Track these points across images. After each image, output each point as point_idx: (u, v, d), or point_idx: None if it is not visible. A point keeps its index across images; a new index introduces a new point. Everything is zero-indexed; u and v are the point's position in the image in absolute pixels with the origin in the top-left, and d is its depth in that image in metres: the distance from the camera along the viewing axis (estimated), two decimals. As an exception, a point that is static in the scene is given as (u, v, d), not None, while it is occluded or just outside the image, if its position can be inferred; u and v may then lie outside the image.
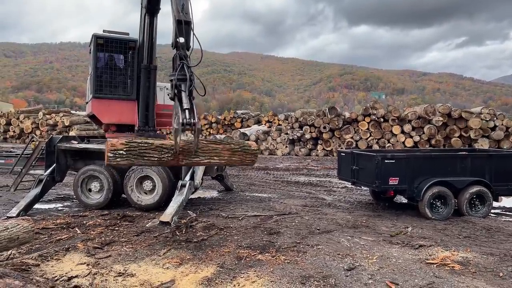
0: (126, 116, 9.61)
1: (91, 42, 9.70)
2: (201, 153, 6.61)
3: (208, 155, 6.60)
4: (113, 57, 9.75)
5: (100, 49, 9.41)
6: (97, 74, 9.39)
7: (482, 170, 8.16)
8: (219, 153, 6.71)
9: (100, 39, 9.38)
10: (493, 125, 21.28)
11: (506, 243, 6.28)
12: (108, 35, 9.58)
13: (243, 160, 6.86)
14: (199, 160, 6.63)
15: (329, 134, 23.56)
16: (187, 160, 6.60)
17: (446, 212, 7.90)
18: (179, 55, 6.73)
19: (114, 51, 9.65)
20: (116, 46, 9.61)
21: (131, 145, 6.50)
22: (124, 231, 6.88)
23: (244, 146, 6.87)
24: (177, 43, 6.67)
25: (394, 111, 22.71)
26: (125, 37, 9.79)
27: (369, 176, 8.24)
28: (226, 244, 6.05)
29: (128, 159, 6.54)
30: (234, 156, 6.79)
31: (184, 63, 6.69)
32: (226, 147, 6.76)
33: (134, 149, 6.55)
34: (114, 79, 9.70)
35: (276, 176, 14.83)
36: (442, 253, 5.68)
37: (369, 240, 6.36)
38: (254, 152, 6.94)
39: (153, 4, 9.38)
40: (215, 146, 6.70)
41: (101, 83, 9.43)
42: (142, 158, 6.54)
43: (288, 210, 8.55)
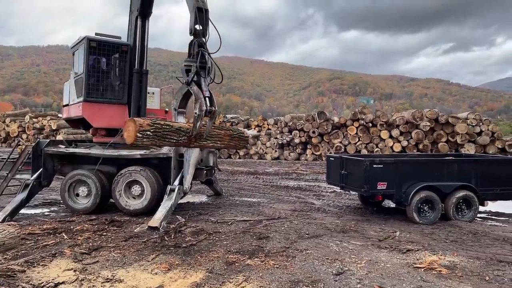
0: (116, 120, 9.54)
1: (78, 44, 9.59)
2: (209, 137, 7.24)
3: (214, 139, 7.23)
4: (105, 60, 9.69)
5: (93, 52, 9.32)
6: (89, 77, 9.28)
7: (468, 175, 8.27)
8: (222, 138, 7.42)
9: (93, 41, 9.28)
10: (479, 130, 21.60)
11: (492, 247, 6.36)
12: (101, 38, 9.50)
13: (237, 145, 7.70)
14: (206, 143, 7.38)
15: (318, 139, 23.68)
16: (197, 143, 7.21)
17: (434, 217, 7.98)
18: (198, 42, 6.96)
19: (106, 54, 9.59)
20: (108, 50, 9.54)
21: (157, 126, 6.99)
22: (112, 236, 6.82)
23: (240, 132, 7.67)
24: (196, 30, 6.89)
25: (382, 116, 22.93)
26: (118, 41, 9.73)
27: (357, 181, 8.30)
28: (215, 249, 6.03)
29: (152, 140, 7.11)
30: (232, 141, 7.51)
31: (203, 51, 6.93)
32: (227, 132, 7.42)
33: (159, 131, 7.15)
34: (105, 83, 9.64)
35: (266, 180, 14.84)
36: (429, 257, 5.74)
37: (357, 244, 6.39)
38: (246, 139, 7.83)
39: (146, 7, 9.43)
40: (219, 131, 7.49)
41: (92, 86, 9.31)
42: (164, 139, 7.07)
43: (277, 215, 8.56)
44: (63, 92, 10.63)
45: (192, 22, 6.95)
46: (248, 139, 7.88)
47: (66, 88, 10.37)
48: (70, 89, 9.98)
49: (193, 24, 6.89)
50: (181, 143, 7.00)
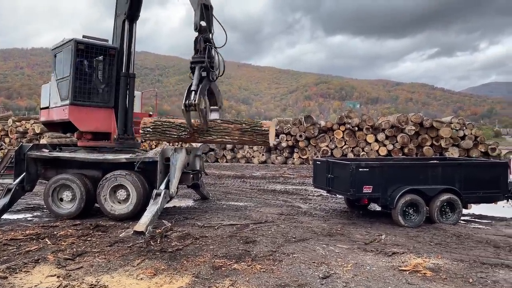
0: (103, 124, 9.45)
1: (62, 46, 9.44)
2: (213, 132, 7.33)
3: (220, 134, 7.18)
4: (93, 63, 9.59)
5: (80, 54, 9.21)
6: (76, 80, 9.15)
7: (452, 178, 8.39)
8: (230, 132, 7.38)
9: (81, 44, 9.16)
10: (463, 134, 21.96)
11: (475, 250, 6.46)
12: (89, 41, 9.40)
13: (254, 141, 7.37)
14: (212, 138, 7.48)
15: (305, 143, 23.78)
16: (201, 138, 7.42)
17: (418, 220, 8.07)
18: (203, 38, 7.19)
19: (94, 57, 9.49)
20: (96, 53, 9.45)
21: (157, 123, 7.55)
22: (97, 241, 6.73)
23: (254, 126, 7.25)
24: (201, 27, 7.10)
25: (368, 120, 23.15)
26: (106, 44, 9.64)
27: (343, 184, 8.35)
28: (201, 254, 5.99)
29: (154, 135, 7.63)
30: (245, 136, 7.41)
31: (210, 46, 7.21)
32: (237, 126, 7.43)
33: (159, 127, 7.61)
34: (92, 86, 9.54)
35: (253, 184, 14.83)
36: (414, 260, 5.80)
37: (344, 248, 6.42)
38: (264, 133, 7.22)
39: (134, 11, 9.43)
40: (226, 125, 7.41)
41: (79, 89, 9.19)
42: (165, 135, 7.39)
43: (264, 219, 8.56)
44: (41, 94, 10.38)
45: (198, 18, 7.13)
46: (267, 132, 7.35)
47: (45, 91, 10.11)
48: (51, 92, 9.77)
49: (198, 20, 7.08)
50: (184, 138, 7.28)
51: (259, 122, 7.54)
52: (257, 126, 7.26)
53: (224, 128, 7.27)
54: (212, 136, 7.32)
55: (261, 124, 7.36)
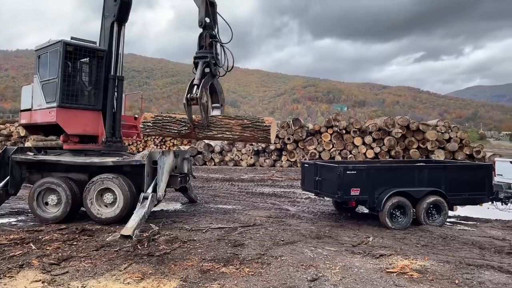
0: (91, 126, 9.35)
1: (48, 47, 9.28)
2: (214, 128, 7.36)
3: (221, 130, 7.21)
4: (81, 66, 9.48)
5: (69, 56, 9.09)
6: (64, 82, 9.03)
7: (438, 180, 8.49)
8: (231, 128, 7.47)
9: (70, 46, 9.04)
10: (448, 137, 22.26)
11: (461, 251, 6.54)
12: (78, 43, 9.28)
13: (256, 137, 7.34)
14: (213, 134, 7.54)
15: (293, 145, 23.85)
16: (202, 133, 7.41)
17: (405, 222, 8.14)
18: (209, 35, 7.37)
19: (82, 60, 9.38)
20: (85, 55, 9.35)
21: (157, 118, 7.62)
22: (83, 245, 6.64)
23: (255, 121, 7.25)
24: (206, 23, 7.27)
25: (355, 123, 23.32)
26: (94, 46, 9.55)
27: (331, 187, 8.38)
28: (189, 258, 5.96)
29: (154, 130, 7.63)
30: (246, 132, 7.43)
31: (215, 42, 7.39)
32: (238, 122, 7.39)
33: (159, 122, 7.57)
34: (81, 88, 9.43)
35: (241, 187, 14.81)
36: (401, 261, 5.84)
37: (332, 250, 6.45)
38: (266, 129, 7.19)
39: (123, 14, 9.39)
40: (227, 121, 7.47)
41: (67, 91, 9.07)
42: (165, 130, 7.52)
43: (252, 222, 8.54)
44: (22, 96, 10.17)
45: (203, 14, 7.27)
46: (269, 129, 7.30)
47: (27, 92, 9.87)
48: (34, 94, 9.57)
49: (203, 16, 7.24)
50: (184, 133, 7.36)
51: (260, 118, 7.51)
52: (259, 122, 7.24)
53: (225, 123, 7.32)
54: (212, 132, 7.37)
55: (263, 120, 7.33)
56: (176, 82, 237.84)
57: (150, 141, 31.37)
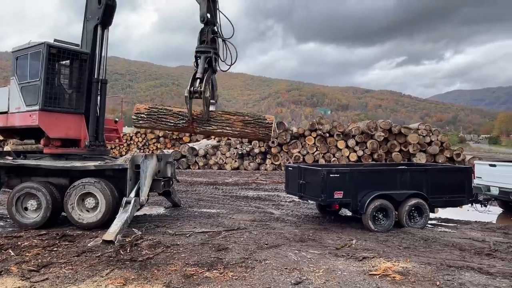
0: (73, 130, 9.21)
1: (29, 48, 9.10)
2: (214, 122, 7.28)
3: (221, 125, 7.18)
4: (64, 68, 9.32)
5: (52, 59, 8.93)
6: (47, 85, 8.85)
7: (419, 183, 8.62)
8: (232, 124, 7.46)
9: (53, 48, 8.89)
10: (429, 140, 22.63)
11: (442, 253, 6.64)
12: (61, 45, 9.13)
13: (256, 134, 7.37)
14: (212, 129, 7.58)
15: (278, 149, 23.91)
16: (200, 128, 7.33)
17: (388, 224, 8.23)
18: (211, 30, 7.46)
19: (66, 62, 9.23)
20: (68, 57, 9.20)
21: (152, 110, 7.44)
22: (64, 251, 6.51)
23: (257, 118, 7.30)
24: (207, 18, 7.37)
25: (339, 126, 23.53)
26: (78, 49, 9.42)
27: (315, 190, 8.43)
28: (172, 262, 5.90)
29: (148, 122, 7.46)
30: (247, 128, 7.30)
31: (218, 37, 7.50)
32: (239, 118, 7.29)
33: (154, 114, 7.38)
34: (64, 91, 9.28)
35: (225, 191, 14.76)
36: (384, 264, 5.90)
37: (315, 253, 6.47)
38: (268, 126, 7.27)
39: (107, 17, 9.34)
40: (228, 116, 7.44)
41: (50, 94, 8.90)
42: (161, 122, 7.34)
43: (236, 226, 8.52)
44: None
45: (204, 10, 7.37)
46: (271, 126, 7.39)
47: (2, 95, 9.61)
48: (10, 96, 9.31)
49: (205, 12, 7.33)
50: (181, 127, 7.29)
51: (262, 115, 7.61)
52: (261, 119, 7.29)
53: (226, 119, 7.31)
54: (212, 127, 7.30)
55: (265, 117, 7.39)
56: (160, 85, 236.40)
57: (133, 144, 31.07)
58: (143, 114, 7.54)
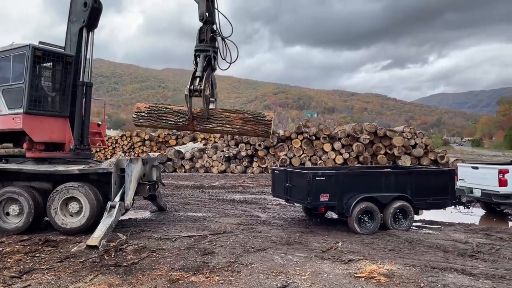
0: (57, 134, 9.07)
1: (12, 50, 8.91)
2: (214, 120, 7.52)
3: (221, 123, 7.35)
4: (49, 71, 9.17)
5: (37, 61, 8.78)
6: (32, 88, 8.67)
7: (404, 186, 8.71)
8: (232, 122, 7.42)
9: (39, 50, 8.74)
10: (414, 143, 22.90)
11: (426, 255, 6.71)
12: (47, 48, 8.99)
13: (256, 131, 7.52)
14: (212, 126, 7.46)
15: (264, 152, 23.93)
16: (200, 126, 7.41)
17: (373, 227, 8.30)
18: (210, 29, 7.56)
19: (51, 65, 9.09)
20: (53, 60, 9.06)
21: (153, 108, 7.49)
22: (46, 257, 6.41)
23: (257, 116, 7.44)
24: (206, 18, 7.48)
25: (325, 129, 23.67)
26: (63, 52, 9.29)
27: (301, 193, 8.45)
28: (158, 267, 5.85)
29: (149, 121, 7.51)
30: (247, 126, 7.43)
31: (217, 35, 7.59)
32: (238, 115, 7.42)
33: (155, 112, 7.44)
34: (48, 94, 9.13)
35: (212, 194, 14.71)
36: (369, 266, 5.94)
37: (301, 256, 6.48)
38: (267, 123, 7.43)
39: (93, 19, 9.26)
40: (228, 114, 7.71)
41: (35, 97, 8.75)
42: (161, 121, 7.41)
43: (223, 229, 8.49)
44: None
45: (203, 9, 7.46)
46: (270, 123, 7.52)
47: None
48: None
49: (204, 11, 7.43)
50: (182, 125, 7.40)
51: (261, 112, 7.73)
52: (260, 116, 7.41)
53: (226, 117, 7.48)
54: (212, 125, 7.44)
55: (264, 114, 7.51)
56: (146, 88, 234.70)
57: (118, 148, 30.77)
58: (144, 113, 7.64)
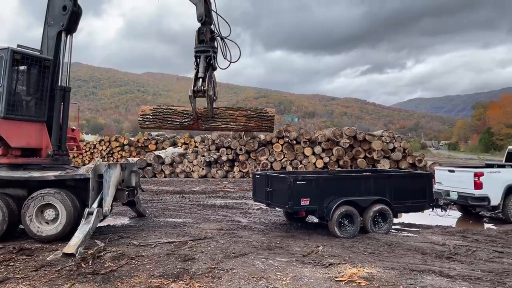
0: (34, 139, 8.85)
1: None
2: (218, 119, 7.61)
3: (225, 121, 7.70)
4: (27, 75, 8.95)
5: (15, 65, 8.55)
6: (10, 92, 8.42)
7: (383, 189, 8.82)
8: (236, 119, 7.67)
9: (18, 54, 8.50)
10: (393, 147, 23.26)
11: (405, 257, 6.80)
12: (26, 51, 8.76)
13: (260, 126, 7.82)
14: (217, 125, 7.69)
15: (245, 156, 23.91)
16: (205, 125, 7.65)
17: (353, 230, 8.36)
18: (209, 30, 7.72)
19: (29, 69, 8.87)
20: (32, 64, 8.83)
21: (157, 110, 7.69)
22: (21, 266, 6.23)
23: (260, 112, 7.75)
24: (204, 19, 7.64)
25: (305, 133, 23.82)
26: (42, 56, 9.08)
27: (282, 198, 8.46)
28: (137, 274, 5.75)
29: (155, 123, 7.71)
30: (250, 122, 7.72)
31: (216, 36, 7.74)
32: (242, 113, 7.70)
33: (160, 114, 7.65)
34: (26, 99, 8.91)
35: (192, 199, 14.59)
36: (349, 270, 5.97)
37: (282, 261, 6.47)
38: (270, 118, 7.78)
39: (73, 23, 9.14)
40: (231, 112, 7.71)
41: (13, 102, 8.49)
42: (167, 122, 7.60)
43: (203, 235, 8.42)
44: None
45: (201, 10, 7.63)
46: (273, 119, 7.83)
47: None
48: None
49: (202, 12, 7.60)
50: (187, 125, 7.64)
51: (263, 109, 8.04)
52: (263, 112, 7.71)
53: (230, 114, 7.82)
54: (216, 123, 7.75)
55: (266, 111, 7.81)
56: (125, 92, 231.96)
57: (97, 153, 30.27)
58: (149, 115, 7.89)
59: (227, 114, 7.75)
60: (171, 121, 7.77)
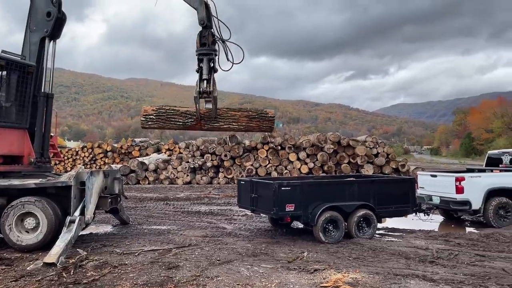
0: (16, 146, 8.66)
1: None
2: (221, 119, 7.78)
3: (227, 121, 7.76)
4: (10, 81, 8.79)
5: None
6: None
7: (367, 194, 8.89)
8: (238, 120, 7.87)
9: (2, 60, 8.34)
10: (376, 152, 23.52)
11: (389, 262, 6.85)
12: (10, 57, 8.59)
13: (261, 127, 8.09)
14: (220, 125, 7.85)
15: (230, 162, 23.86)
16: (208, 125, 7.82)
17: (338, 236, 8.40)
18: (211, 33, 7.89)
19: (12, 75, 8.70)
20: (15, 70, 8.67)
21: (160, 110, 7.83)
22: (0, 276, 6.06)
23: (261, 113, 8.01)
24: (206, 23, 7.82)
25: (290, 139, 23.92)
26: (26, 61, 8.91)
27: (267, 204, 8.46)
28: (120, 283, 5.66)
29: (157, 123, 7.84)
30: (252, 123, 7.96)
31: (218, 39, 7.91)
32: (244, 114, 7.93)
33: (163, 114, 7.80)
34: (8, 106, 8.73)
35: (176, 206, 14.46)
36: (334, 275, 5.99)
37: (268, 267, 6.46)
38: (270, 119, 8.06)
39: (57, 30, 9.05)
40: (233, 113, 7.92)
41: None
42: (170, 122, 7.76)
43: (188, 242, 8.34)
44: None
45: (203, 14, 7.81)
46: (273, 119, 8.12)
47: None
48: None
49: (204, 16, 7.78)
50: (190, 125, 7.75)
51: (264, 110, 8.34)
52: (264, 113, 7.97)
53: (232, 115, 8.08)
54: (219, 123, 7.97)
55: (267, 111, 8.10)
56: (108, 98, 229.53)
57: (79, 160, 29.80)
58: (152, 115, 7.85)
59: (229, 114, 7.99)
60: (174, 121, 8.03)
